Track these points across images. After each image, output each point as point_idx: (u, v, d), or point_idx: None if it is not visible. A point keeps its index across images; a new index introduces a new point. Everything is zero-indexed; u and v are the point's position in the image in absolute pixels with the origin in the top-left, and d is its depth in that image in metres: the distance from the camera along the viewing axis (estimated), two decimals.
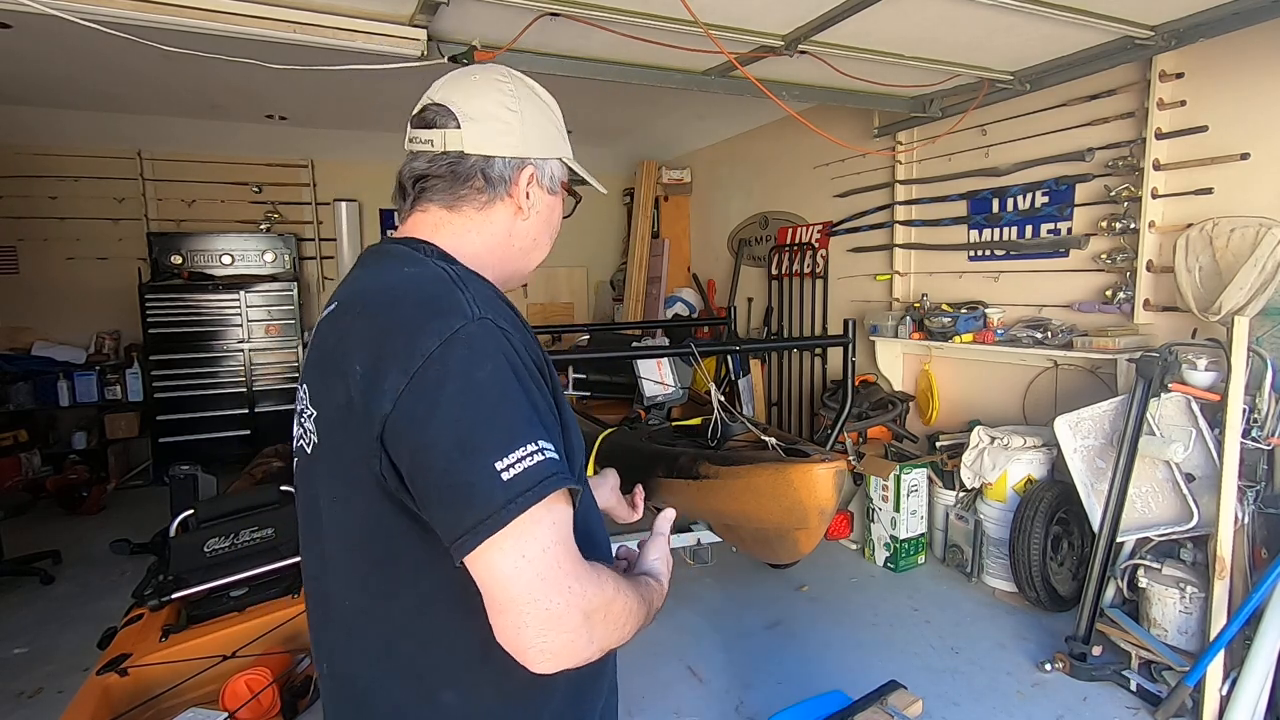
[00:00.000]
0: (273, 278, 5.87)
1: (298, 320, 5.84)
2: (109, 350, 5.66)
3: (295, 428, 0.94)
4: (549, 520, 0.73)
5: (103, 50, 3.54)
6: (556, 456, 0.75)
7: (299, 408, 0.92)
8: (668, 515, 1.09)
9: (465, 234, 0.94)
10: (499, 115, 0.92)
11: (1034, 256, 3.68)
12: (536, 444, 0.73)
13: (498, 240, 0.96)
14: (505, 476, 0.70)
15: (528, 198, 0.95)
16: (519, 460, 0.71)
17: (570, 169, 1.04)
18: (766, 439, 2.56)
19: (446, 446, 0.72)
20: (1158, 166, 3.09)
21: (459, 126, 0.91)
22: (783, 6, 2.62)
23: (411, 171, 0.94)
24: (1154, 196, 3.11)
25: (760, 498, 2.31)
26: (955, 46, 3.05)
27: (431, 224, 0.94)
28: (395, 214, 1.02)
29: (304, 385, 0.91)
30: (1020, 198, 3.74)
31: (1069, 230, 3.51)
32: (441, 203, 0.93)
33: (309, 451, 0.89)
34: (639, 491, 1.30)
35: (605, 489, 1.25)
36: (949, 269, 4.16)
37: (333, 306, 0.89)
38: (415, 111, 0.95)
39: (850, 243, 4.87)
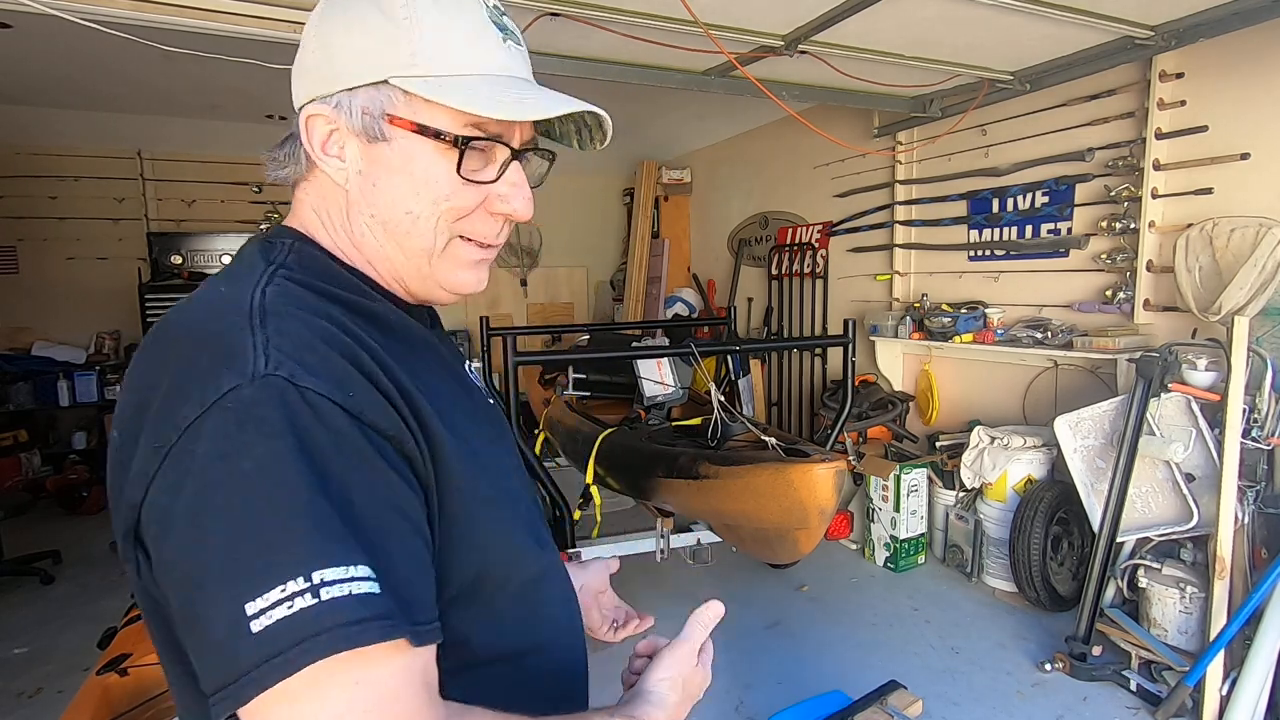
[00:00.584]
0: None
1: None
2: (109, 350, 5.66)
3: None
4: (347, 683, 0.49)
5: (103, 50, 3.54)
6: (360, 591, 0.49)
7: None
8: (711, 614, 0.77)
9: (311, 216, 0.70)
10: (302, 48, 0.68)
11: (1034, 256, 3.68)
12: (311, 577, 0.48)
13: (342, 222, 0.69)
14: (255, 626, 0.47)
15: (330, 154, 0.66)
16: (280, 603, 0.47)
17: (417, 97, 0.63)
18: (766, 439, 2.56)
19: (183, 572, 0.51)
20: (1158, 166, 3.09)
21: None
22: (783, 6, 2.62)
23: None
24: (1154, 196, 3.11)
25: (760, 498, 2.31)
26: (955, 46, 3.05)
27: (296, 208, 0.72)
28: None
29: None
30: (1020, 198, 3.73)
31: (1069, 230, 3.51)
32: (293, 185, 0.72)
33: None
34: (630, 620, 0.97)
35: (590, 579, 0.97)
36: (949, 269, 4.16)
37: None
38: None
39: (850, 243, 4.87)
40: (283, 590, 0.48)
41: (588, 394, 4.29)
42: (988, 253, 3.94)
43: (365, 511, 0.54)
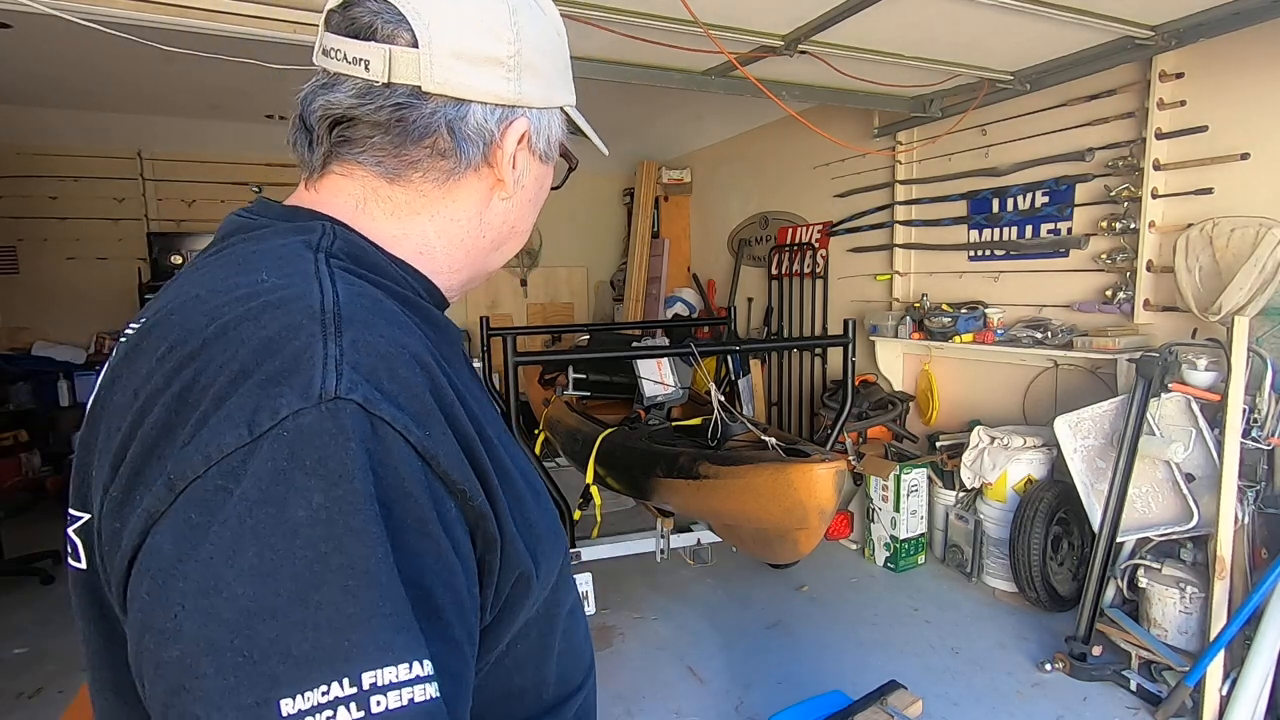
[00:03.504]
0: None
1: None
2: (109, 350, 5.64)
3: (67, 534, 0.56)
4: None
5: (103, 50, 3.54)
6: (422, 699, 0.39)
7: (69, 506, 0.55)
8: None
9: (411, 218, 0.59)
10: (489, 27, 0.56)
11: (1034, 256, 3.68)
12: (360, 680, 0.38)
13: (463, 230, 0.62)
14: None
15: (514, 167, 0.61)
16: (331, 704, 0.37)
17: (570, 121, 0.69)
18: (766, 439, 2.56)
19: (182, 649, 0.39)
20: (1158, 166, 3.09)
21: (415, 43, 0.54)
22: (783, 6, 2.62)
23: (326, 108, 0.56)
24: (1154, 196, 3.11)
25: (760, 498, 2.31)
26: (955, 46, 3.05)
27: (355, 197, 0.58)
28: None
29: (76, 467, 0.55)
30: (1020, 198, 3.73)
31: (1069, 230, 3.51)
32: (377, 167, 0.57)
33: (80, 571, 0.53)
34: None
35: None
36: (949, 269, 4.16)
37: (133, 328, 0.55)
38: (335, 3, 0.57)
39: (850, 243, 4.87)
40: (324, 693, 0.37)
41: (588, 394, 4.29)
42: (988, 253, 3.94)
43: (434, 592, 0.43)
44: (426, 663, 0.40)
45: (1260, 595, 2.30)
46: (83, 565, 0.52)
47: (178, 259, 5.67)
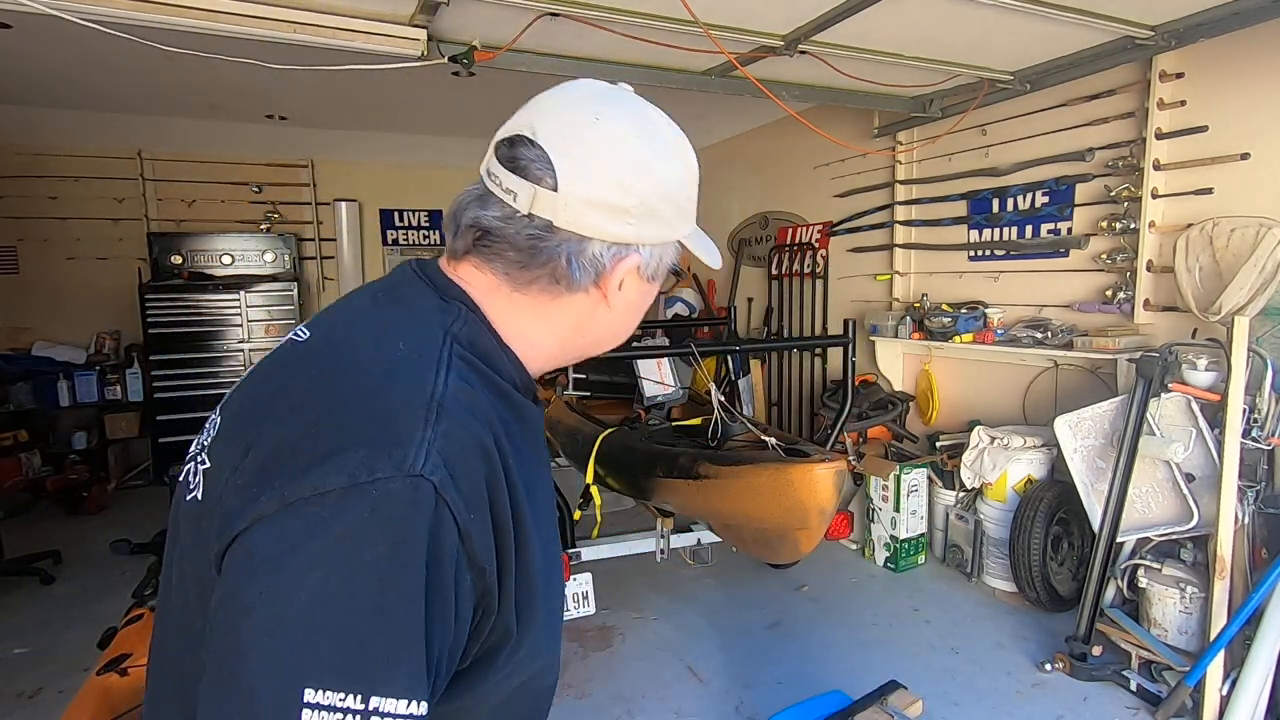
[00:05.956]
0: (273, 278, 5.88)
1: (297, 320, 5.84)
2: (109, 350, 5.66)
3: (187, 465, 0.69)
4: None
5: (103, 50, 3.54)
6: None
7: (198, 442, 0.70)
8: None
9: (523, 318, 0.72)
10: (619, 181, 0.68)
11: (1034, 256, 3.68)
12: (369, 701, 0.49)
13: (564, 331, 0.75)
14: (307, 717, 0.48)
15: (620, 289, 0.73)
16: (332, 710, 0.49)
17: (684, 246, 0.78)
18: (766, 439, 2.56)
19: (257, 621, 0.51)
20: (1158, 166, 3.09)
21: (555, 188, 0.66)
22: (783, 6, 2.62)
23: (476, 221, 0.69)
24: (1154, 196, 3.11)
25: (760, 498, 2.31)
26: (955, 46, 3.05)
27: (485, 288, 0.71)
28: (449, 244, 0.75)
29: (218, 416, 0.70)
30: (1020, 198, 3.74)
31: (1069, 230, 3.51)
32: (504, 275, 0.70)
33: (190, 505, 0.66)
34: None
35: None
36: (949, 269, 4.16)
37: (304, 336, 0.70)
38: (504, 135, 0.70)
39: (850, 243, 4.87)
40: (341, 699, 0.49)
41: (588, 394, 4.29)
42: (988, 253, 3.94)
43: (438, 643, 0.55)
44: (424, 704, 0.51)
45: (1260, 595, 2.30)
46: (200, 498, 0.64)
47: (178, 259, 5.68)
